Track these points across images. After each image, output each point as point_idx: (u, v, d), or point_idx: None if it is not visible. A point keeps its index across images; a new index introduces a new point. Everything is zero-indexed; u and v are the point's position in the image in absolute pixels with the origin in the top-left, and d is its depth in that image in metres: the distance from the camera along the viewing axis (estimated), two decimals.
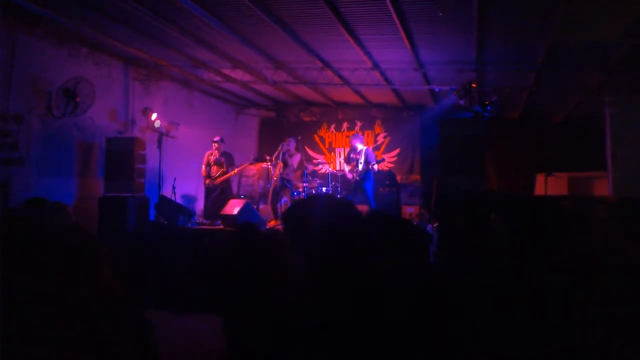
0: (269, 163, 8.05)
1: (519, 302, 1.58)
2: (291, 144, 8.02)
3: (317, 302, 1.11)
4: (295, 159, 8.00)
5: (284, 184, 7.83)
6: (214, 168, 8.11)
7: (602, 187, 8.03)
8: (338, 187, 8.23)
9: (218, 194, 8.05)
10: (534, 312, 1.55)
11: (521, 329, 1.53)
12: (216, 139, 8.16)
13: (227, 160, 8.18)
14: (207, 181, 8.13)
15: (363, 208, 7.96)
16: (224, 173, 8.08)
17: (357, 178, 7.67)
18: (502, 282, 1.66)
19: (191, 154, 8.83)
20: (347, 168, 7.92)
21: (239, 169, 8.28)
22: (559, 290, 1.62)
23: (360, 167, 7.66)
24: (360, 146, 7.86)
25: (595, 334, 1.52)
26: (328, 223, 1.25)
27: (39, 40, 6.32)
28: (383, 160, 8.53)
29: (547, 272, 1.68)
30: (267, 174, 8.49)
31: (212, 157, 8.16)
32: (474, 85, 6.76)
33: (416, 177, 10.20)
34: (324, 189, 8.17)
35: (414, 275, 1.59)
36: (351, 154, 7.93)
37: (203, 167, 8.21)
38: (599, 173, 8.09)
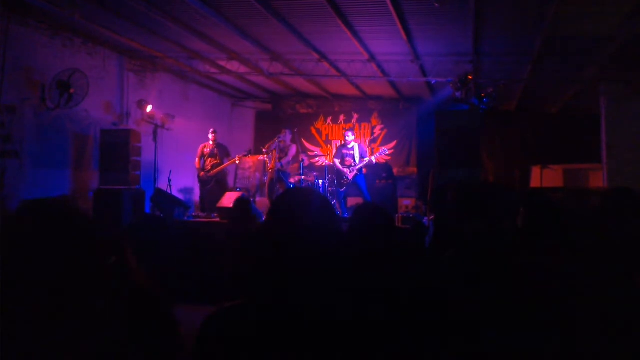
0: (266, 156, 8.02)
1: (515, 295, 1.59)
2: (287, 136, 7.99)
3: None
4: (291, 151, 7.97)
5: (280, 176, 7.81)
6: (208, 160, 8.08)
7: (597, 179, 8.07)
8: (335, 180, 8.24)
9: (213, 186, 8.02)
10: (530, 306, 1.56)
11: (517, 321, 1.53)
12: (212, 129, 8.16)
13: (221, 152, 8.15)
14: (202, 174, 8.09)
15: (358, 201, 8.01)
16: (217, 165, 8.05)
17: (357, 173, 7.71)
18: (499, 275, 1.66)
19: (187, 146, 8.80)
20: (337, 163, 7.91)
21: (232, 161, 8.22)
22: (557, 283, 1.62)
23: (357, 161, 7.70)
24: (351, 141, 7.87)
25: (592, 326, 1.53)
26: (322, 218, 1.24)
27: (33, 30, 6.25)
28: (385, 152, 8.59)
29: (547, 267, 1.68)
30: (264, 167, 8.47)
31: (206, 150, 8.12)
32: (470, 77, 6.75)
33: (413, 169, 10.21)
34: (320, 181, 8.17)
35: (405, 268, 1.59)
36: (342, 150, 7.93)
37: (197, 159, 8.17)
38: (594, 165, 8.13)
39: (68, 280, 1.01)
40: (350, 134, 7.96)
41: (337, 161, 7.95)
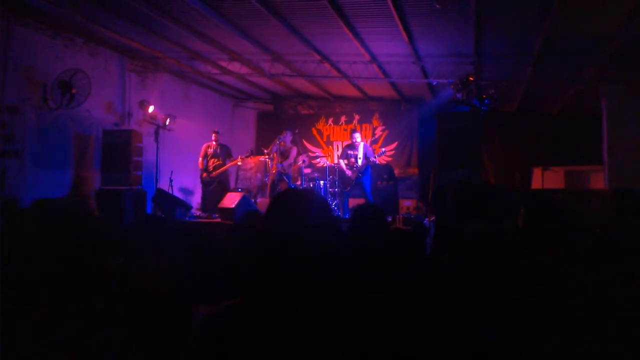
0: (267, 156, 8.03)
1: (515, 295, 1.58)
2: (287, 137, 8.00)
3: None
4: (292, 154, 7.98)
5: (282, 177, 7.83)
6: (211, 161, 8.10)
7: (598, 181, 8.07)
8: (336, 181, 8.24)
9: (215, 186, 8.04)
10: (530, 306, 1.55)
11: (517, 321, 1.53)
12: (215, 130, 8.18)
13: (223, 152, 8.16)
14: (204, 174, 8.11)
15: (359, 202, 8.00)
16: (220, 165, 8.07)
17: (359, 174, 7.70)
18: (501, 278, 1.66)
19: (188, 147, 8.81)
20: (343, 163, 7.91)
21: (234, 162, 8.24)
22: (557, 283, 1.62)
23: (360, 162, 7.69)
24: (358, 142, 7.88)
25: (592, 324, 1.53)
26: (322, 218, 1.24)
27: (34, 31, 6.27)
28: (384, 152, 8.65)
29: (548, 268, 1.68)
30: (265, 167, 8.48)
31: (210, 150, 8.14)
32: (471, 79, 6.74)
33: (414, 170, 10.20)
34: (321, 182, 8.17)
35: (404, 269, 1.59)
36: (347, 150, 7.93)
37: (200, 159, 8.19)
38: (596, 167, 8.13)
39: (71, 280, 1.02)
40: (357, 135, 7.97)
41: (342, 162, 7.96)
